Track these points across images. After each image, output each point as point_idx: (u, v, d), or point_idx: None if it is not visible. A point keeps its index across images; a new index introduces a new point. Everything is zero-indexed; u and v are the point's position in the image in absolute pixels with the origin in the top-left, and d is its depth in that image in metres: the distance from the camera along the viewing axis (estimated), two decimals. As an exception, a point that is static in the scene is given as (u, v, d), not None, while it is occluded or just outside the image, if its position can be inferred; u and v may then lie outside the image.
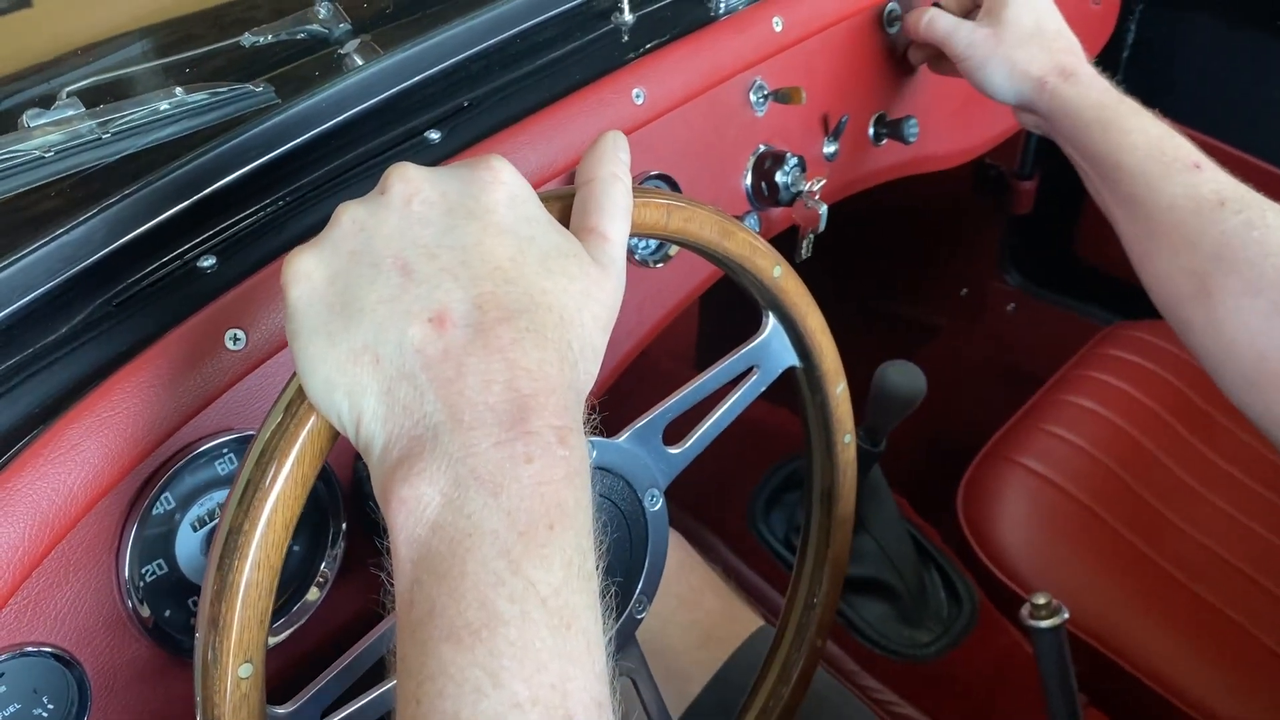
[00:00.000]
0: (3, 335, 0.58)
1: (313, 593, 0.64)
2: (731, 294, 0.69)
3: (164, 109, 0.71)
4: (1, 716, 0.52)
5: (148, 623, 0.57)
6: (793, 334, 0.66)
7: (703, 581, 0.92)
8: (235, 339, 0.57)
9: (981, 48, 0.87)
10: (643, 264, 0.81)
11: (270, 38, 0.84)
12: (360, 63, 0.76)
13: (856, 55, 0.95)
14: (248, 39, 0.83)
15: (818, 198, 0.86)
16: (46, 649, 0.53)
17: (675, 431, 0.63)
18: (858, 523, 1.02)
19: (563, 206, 0.50)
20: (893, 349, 1.06)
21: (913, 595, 1.11)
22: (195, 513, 0.59)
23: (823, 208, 0.87)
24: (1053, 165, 1.53)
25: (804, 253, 0.94)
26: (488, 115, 0.73)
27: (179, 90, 0.73)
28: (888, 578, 1.10)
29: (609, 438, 0.60)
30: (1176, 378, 1.25)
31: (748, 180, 0.87)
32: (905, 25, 0.96)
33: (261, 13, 0.87)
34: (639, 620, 0.65)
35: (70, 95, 0.72)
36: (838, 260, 1.20)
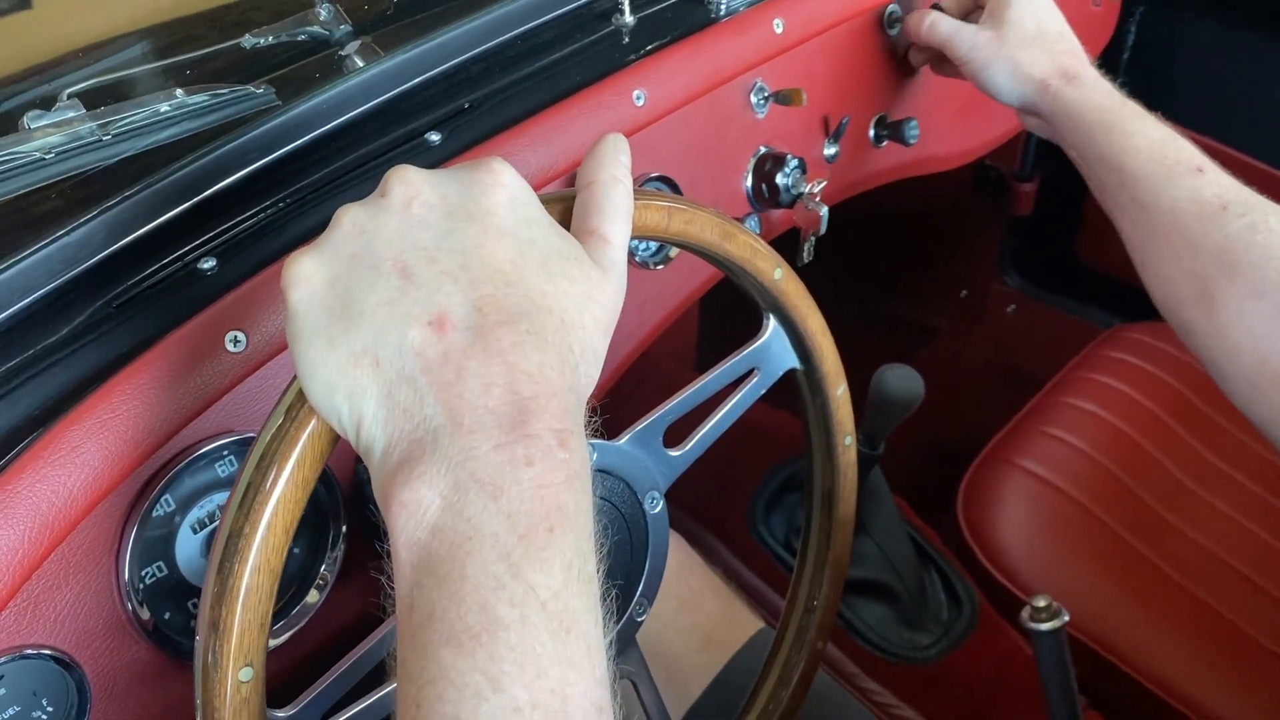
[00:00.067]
0: (3, 337, 0.58)
1: (313, 595, 0.64)
2: (732, 296, 0.69)
3: (164, 111, 0.71)
4: (1, 719, 0.52)
5: (148, 625, 0.57)
6: (793, 336, 0.66)
7: (703, 584, 0.91)
8: (235, 341, 0.57)
9: (984, 50, 0.87)
10: (643, 266, 0.81)
11: (271, 39, 0.84)
12: (361, 64, 0.76)
13: (857, 57, 0.95)
14: (248, 40, 0.83)
15: (818, 199, 0.86)
16: (46, 651, 0.53)
17: (676, 434, 0.63)
18: (858, 525, 1.02)
19: (563, 209, 0.50)
20: (893, 351, 1.06)
21: (913, 598, 1.11)
22: (195, 515, 0.58)
23: (824, 209, 0.87)
24: (1053, 167, 1.53)
25: (806, 256, 0.94)
26: (488, 117, 0.73)
27: (179, 92, 0.73)
28: (888, 580, 1.09)
29: (609, 440, 0.60)
30: (1177, 380, 1.25)
31: (748, 182, 0.87)
32: (906, 28, 0.96)
33: (262, 14, 0.87)
34: (639, 623, 0.65)
35: (71, 97, 0.72)
36: (838, 262, 1.20)
